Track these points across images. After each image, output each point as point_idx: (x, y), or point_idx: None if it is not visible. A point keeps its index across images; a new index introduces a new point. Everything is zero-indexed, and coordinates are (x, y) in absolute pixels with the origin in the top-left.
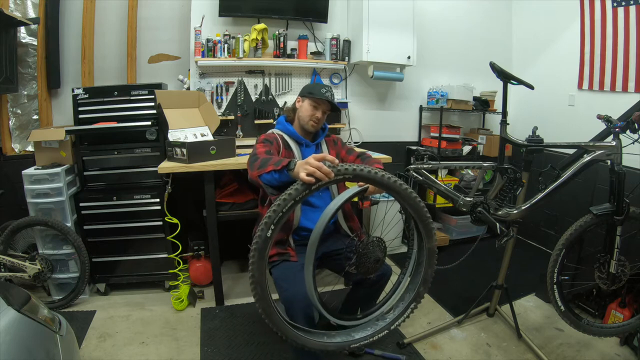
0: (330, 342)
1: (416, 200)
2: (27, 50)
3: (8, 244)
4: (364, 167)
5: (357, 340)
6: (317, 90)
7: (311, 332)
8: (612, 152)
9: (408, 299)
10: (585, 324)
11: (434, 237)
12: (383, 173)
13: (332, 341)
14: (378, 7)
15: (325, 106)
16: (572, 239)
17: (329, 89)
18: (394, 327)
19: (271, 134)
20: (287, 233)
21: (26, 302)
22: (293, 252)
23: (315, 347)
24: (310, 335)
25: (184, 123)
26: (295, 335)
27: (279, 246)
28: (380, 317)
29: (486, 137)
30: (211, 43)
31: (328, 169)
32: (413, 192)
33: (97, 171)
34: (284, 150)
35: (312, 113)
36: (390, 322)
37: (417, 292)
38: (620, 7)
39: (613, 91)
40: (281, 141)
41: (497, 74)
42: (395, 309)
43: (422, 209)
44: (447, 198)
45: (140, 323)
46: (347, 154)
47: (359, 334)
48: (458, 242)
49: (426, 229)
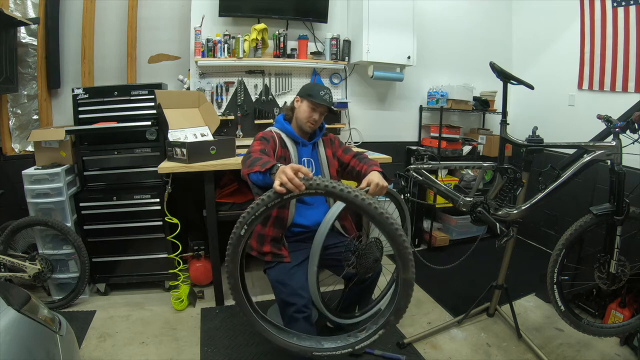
0: (295, 344)
1: (393, 227)
2: (27, 50)
3: (8, 244)
4: (338, 184)
5: (324, 350)
6: (316, 93)
7: (283, 329)
8: (612, 152)
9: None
10: (585, 324)
11: (411, 268)
12: (356, 194)
13: (298, 343)
14: (378, 7)
15: (323, 109)
16: (572, 239)
17: (328, 92)
18: (358, 348)
19: (268, 132)
20: (281, 230)
21: (26, 302)
22: (286, 252)
23: (277, 344)
24: (279, 332)
25: (184, 123)
26: (262, 328)
27: (273, 245)
28: (352, 334)
29: (486, 137)
30: (211, 43)
31: (299, 182)
32: (390, 218)
33: (97, 171)
34: (280, 148)
35: (310, 115)
36: (356, 341)
37: (387, 320)
38: (620, 7)
39: (613, 91)
40: (278, 140)
41: (497, 74)
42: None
43: (399, 237)
44: (447, 198)
45: (140, 323)
46: (344, 153)
47: (328, 344)
48: (458, 242)
49: (402, 258)
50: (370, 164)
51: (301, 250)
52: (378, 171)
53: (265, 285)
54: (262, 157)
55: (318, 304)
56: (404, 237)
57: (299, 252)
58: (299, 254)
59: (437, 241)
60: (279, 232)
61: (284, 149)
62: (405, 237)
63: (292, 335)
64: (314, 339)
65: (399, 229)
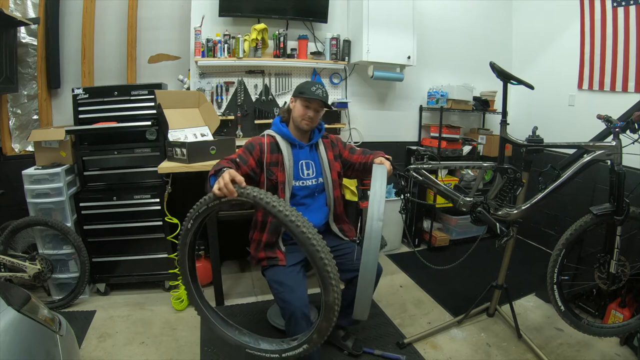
0: (232, 337)
1: (313, 248)
2: (27, 50)
3: (8, 244)
4: (266, 196)
5: (257, 349)
6: (307, 89)
7: (226, 321)
8: (612, 152)
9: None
10: (585, 324)
11: (332, 292)
12: (281, 208)
13: (236, 337)
14: (378, 7)
15: (316, 104)
16: (572, 239)
17: (320, 86)
18: (284, 355)
19: (259, 137)
20: (275, 235)
21: (26, 302)
22: (282, 255)
23: (217, 334)
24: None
25: (184, 123)
26: (206, 316)
27: (268, 250)
28: (286, 341)
29: (486, 137)
30: (211, 43)
31: (232, 188)
32: (312, 239)
33: (97, 171)
34: (268, 155)
35: (304, 112)
36: (286, 349)
37: (310, 338)
38: (620, 7)
39: (613, 91)
40: (269, 145)
41: (497, 74)
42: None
43: (319, 260)
44: (447, 198)
45: (140, 323)
46: (351, 153)
47: (263, 345)
48: (458, 242)
49: (322, 281)
50: (377, 154)
51: (299, 251)
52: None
53: (265, 286)
54: (226, 163)
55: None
56: (325, 260)
57: (297, 254)
58: (296, 254)
59: (437, 241)
60: (272, 237)
61: (276, 154)
62: (327, 260)
63: (234, 329)
64: (254, 337)
65: (320, 250)
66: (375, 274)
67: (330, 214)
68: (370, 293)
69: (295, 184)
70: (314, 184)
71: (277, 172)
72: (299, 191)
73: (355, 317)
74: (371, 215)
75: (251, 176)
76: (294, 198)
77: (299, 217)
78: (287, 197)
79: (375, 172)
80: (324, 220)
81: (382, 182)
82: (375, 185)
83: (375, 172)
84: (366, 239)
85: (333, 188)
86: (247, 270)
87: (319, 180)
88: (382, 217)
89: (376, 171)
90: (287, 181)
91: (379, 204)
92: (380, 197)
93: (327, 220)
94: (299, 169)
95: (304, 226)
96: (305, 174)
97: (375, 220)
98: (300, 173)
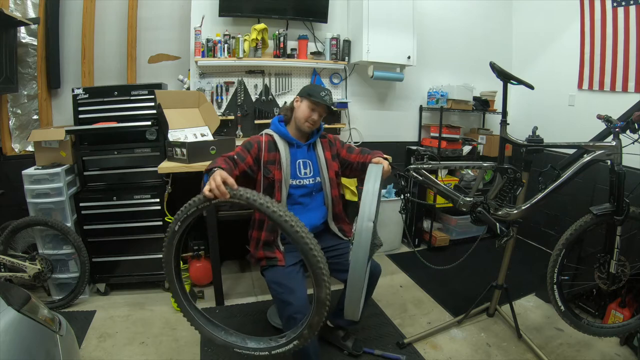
0: (220, 337)
1: (307, 246)
2: (27, 50)
3: (8, 244)
4: (259, 197)
5: (245, 348)
6: (316, 93)
7: (212, 321)
8: (612, 152)
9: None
10: (585, 324)
11: (324, 288)
12: (274, 209)
13: (224, 337)
14: (378, 7)
15: (322, 109)
16: (572, 239)
17: (328, 93)
18: (274, 352)
19: (257, 136)
20: (274, 234)
21: (26, 302)
22: (281, 255)
23: (204, 334)
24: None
25: (184, 123)
26: (191, 317)
27: (266, 249)
28: (274, 339)
29: (486, 137)
30: (211, 43)
31: (225, 190)
32: (305, 237)
33: (97, 171)
34: (266, 153)
35: (309, 115)
36: (274, 346)
37: (301, 333)
38: (620, 7)
39: (613, 91)
40: (266, 143)
41: (497, 74)
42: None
43: (312, 257)
44: (447, 198)
45: (140, 323)
46: (349, 152)
47: (251, 344)
48: (458, 242)
49: (315, 277)
50: (375, 153)
51: (297, 251)
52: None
53: (265, 286)
54: (221, 161)
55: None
56: (318, 257)
57: (295, 253)
58: (295, 254)
59: (437, 241)
60: (271, 235)
61: (274, 152)
62: (320, 258)
63: (220, 329)
64: (240, 336)
65: (313, 248)
66: (365, 274)
67: (329, 214)
68: (360, 293)
69: (292, 182)
70: (311, 183)
71: (274, 170)
72: (296, 190)
73: (346, 317)
74: (362, 215)
75: (248, 174)
76: (292, 197)
77: (292, 217)
78: (283, 195)
79: (370, 171)
80: (323, 220)
81: (376, 181)
82: (368, 184)
83: (370, 172)
84: (356, 240)
85: (331, 187)
86: (247, 270)
87: (317, 180)
88: (374, 217)
89: (371, 170)
90: (283, 179)
91: (370, 203)
92: (372, 196)
93: (326, 220)
94: (296, 168)
95: (297, 225)
96: (303, 173)
97: (366, 220)
98: (298, 172)
